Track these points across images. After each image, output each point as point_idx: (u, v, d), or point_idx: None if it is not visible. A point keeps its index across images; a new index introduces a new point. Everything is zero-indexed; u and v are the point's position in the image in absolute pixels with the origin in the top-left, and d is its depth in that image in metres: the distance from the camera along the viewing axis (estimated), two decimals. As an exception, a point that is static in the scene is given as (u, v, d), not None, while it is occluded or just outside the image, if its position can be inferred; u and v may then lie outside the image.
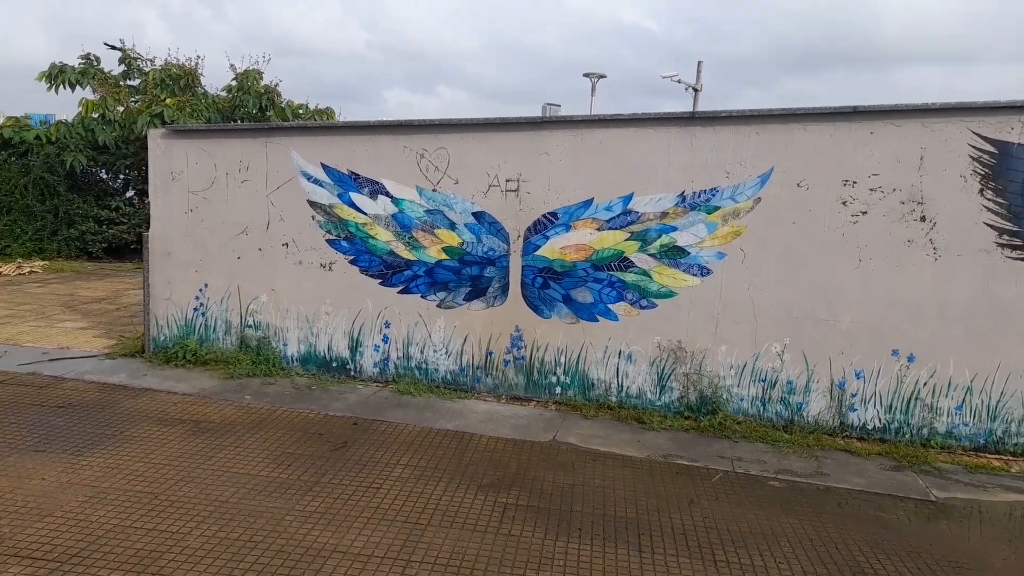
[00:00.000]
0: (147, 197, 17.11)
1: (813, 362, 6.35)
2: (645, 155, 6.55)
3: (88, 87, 16.86)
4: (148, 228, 7.74)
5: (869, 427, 6.28)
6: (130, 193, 17.73)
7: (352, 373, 7.27)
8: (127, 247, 16.35)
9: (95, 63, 17.34)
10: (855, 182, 6.22)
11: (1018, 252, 5.98)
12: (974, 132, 6.00)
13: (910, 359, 6.18)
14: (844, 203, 6.25)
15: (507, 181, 6.84)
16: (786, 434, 6.16)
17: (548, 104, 25.60)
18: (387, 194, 7.10)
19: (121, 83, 17.66)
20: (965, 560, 4.22)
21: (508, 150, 6.82)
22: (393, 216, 7.10)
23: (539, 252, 6.83)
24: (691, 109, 28.11)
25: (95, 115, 16.15)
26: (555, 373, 6.87)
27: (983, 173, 6.00)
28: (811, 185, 6.29)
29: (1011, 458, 5.98)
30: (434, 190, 6.98)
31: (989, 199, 6.01)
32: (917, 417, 6.19)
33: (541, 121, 6.85)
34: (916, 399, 6.20)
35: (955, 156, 6.04)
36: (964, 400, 6.11)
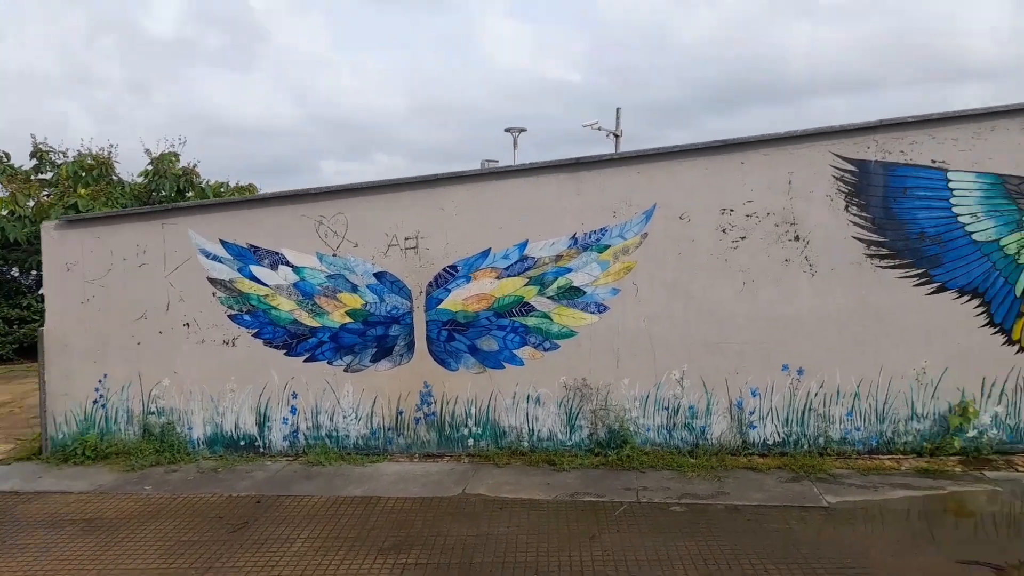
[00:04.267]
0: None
1: (711, 385, 6.55)
2: (537, 202, 6.78)
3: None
4: (43, 324, 7.57)
5: (769, 442, 6.47)
6: (43, 290, 17.22)
7: (261, 449, 7.13)
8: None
9: (4, 159, 17.04)
10: (732, 210, 6.55)
11: (886, 261, 6.36)
12: (835, 154, 6.43)
13: (800, 372, 6.44)
14: (724, 230, 6.56)
15: (406, 239, 6.96)
16: (691, 459, 6.29)
17: (486, 161, 25.90)
18: (287, 264, 7.13)
19: (32, 177, 17.33)
20: (850, 560, 4.36)
21: (405, 209, 6.96)
22: (295, 285, 7.12)
23: (442, 306, 6.92)
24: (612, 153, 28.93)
25: (4, 212, 15.77)
26: (467, 425, 6.89)
27: (847, 191, 6.40)
28: (692, 217, 6.59)
29: (902, 456, 6.24)
30: (334, 255, 7.04)
31: (855, 214, 6.40)
32: (812, 427, 6.42)
33: (435, 179, 7.03)
34: (809, 410, 6.43)
35: (820, 177, 6.44)
36: (853, 406, 6.38)
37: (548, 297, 6.80)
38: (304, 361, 7.10)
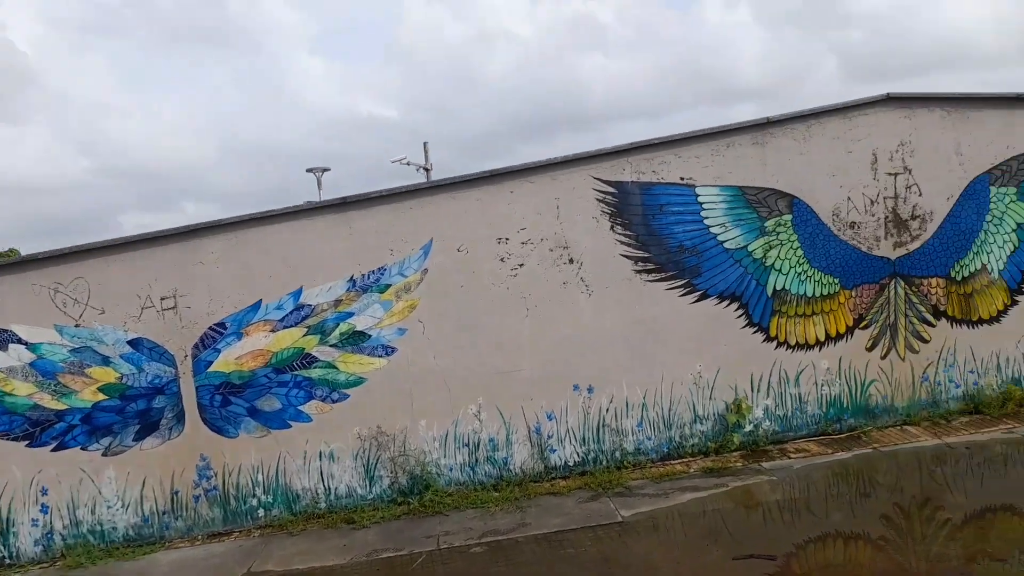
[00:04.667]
0: None
1: (508, 415, 6.50)
2: (307, 247, 6.40)
3: None
4: None
5: (570, 463, 6.54)
6: None
7: (7, 561, 6.03)
8: None
9: None
10: (507, 239, 6.58)
11: (653, 275, 6.69)
12: (595, 178, 6.68)
13: (590, 391, 6.58)
14: (502, 259, 6.57)
15: (162, 299, 6.27)
16: (496, 492, 6.18)
17: (309, 201, 24.68)
18: (20, 341, 6.13)
19: None
20: (637, 573, 4.42)
21: (158, 266, 6.26)
22: (32, 364, 6.14)
23: (213, 368, 6.29)
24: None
25: None
26: (255, 495, 6.28)
27: (610, 212, 6.67)
28: (470, 248, 6.54)
29: (691, 459, 6.55)
30: (77, 325, 6.17)
31: (620, 233, 6.68)
32: (608, 443, 6.58)
33: (189, 230, 6.41)
34: (603, 426, 6.59)
35: (584, 201, 6.65)
36: (642, 417, 6.62)
37: (331, 345, 6.42)
38: (52, 450, 6.12)
